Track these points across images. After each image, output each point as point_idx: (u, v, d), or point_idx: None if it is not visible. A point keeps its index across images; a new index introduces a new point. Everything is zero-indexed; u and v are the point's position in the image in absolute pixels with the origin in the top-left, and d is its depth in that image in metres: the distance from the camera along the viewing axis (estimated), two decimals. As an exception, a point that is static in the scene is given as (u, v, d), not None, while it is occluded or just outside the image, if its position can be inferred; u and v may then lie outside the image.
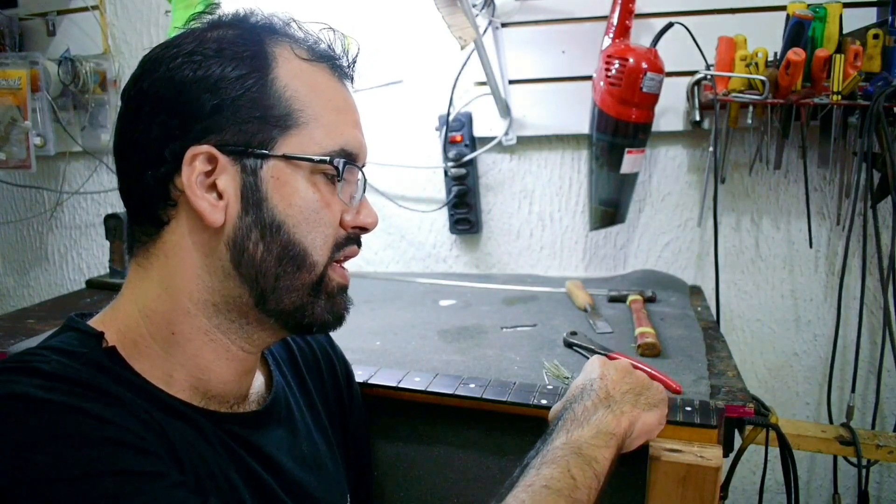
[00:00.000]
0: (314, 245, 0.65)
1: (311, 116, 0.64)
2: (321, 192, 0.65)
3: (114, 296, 0.68)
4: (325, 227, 0.65)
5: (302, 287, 0.65)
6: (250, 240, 0.63)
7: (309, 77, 0.66)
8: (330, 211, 0.66)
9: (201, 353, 0.64)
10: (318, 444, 0.77)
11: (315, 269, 0.65)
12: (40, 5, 1.71)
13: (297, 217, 0.64)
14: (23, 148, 1.60)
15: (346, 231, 0.68)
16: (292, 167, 0.63)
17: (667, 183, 1.51)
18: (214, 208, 0.62)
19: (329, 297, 0.67)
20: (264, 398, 0.72)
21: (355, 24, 1.53)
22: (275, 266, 0.63)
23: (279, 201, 0.63)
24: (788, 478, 0.95)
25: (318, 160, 0.64)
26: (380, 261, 1.67)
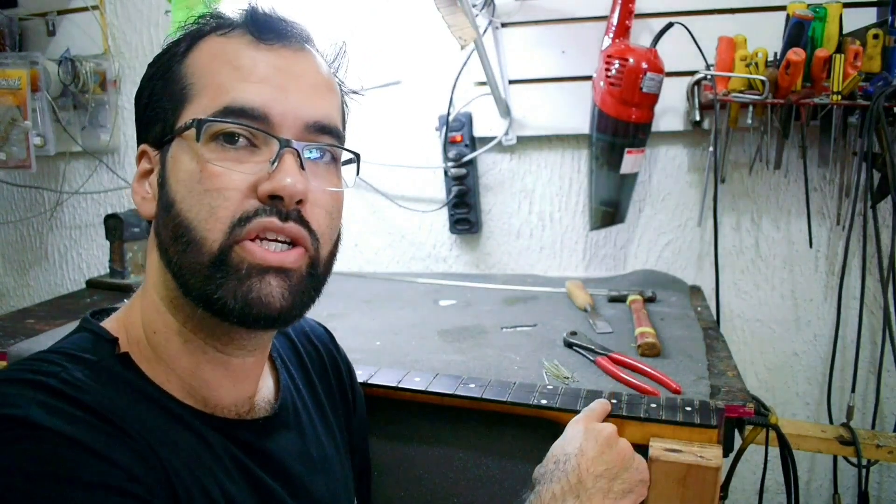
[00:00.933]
0: (199, 218, 0.58)
1: (202, 85, 0.61)
2: (211, 162, 0.58)
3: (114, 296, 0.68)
4: (210, 197, 0.58)
5: (199, 267, 0.58)
6: (161, 224, 0.62)
7: (214, 47, 0.62)
8: (219, 179, 0.58)
9: (181, 354, 0.63)
10: (325, 447, 0.76)
11: (205, 246, 0.58)
12: (40, 5, 1.71)
13: (182, 192, 0.60)
14: (23, 148, 1.60)
15: (260, 201, 0.59)
16: (182, 142, 0.61)
17: (667, 183, 1.51)
18: (145, 200, 0.64)
19: (237, 279, 0.58)
20: (273, 403, 0.71)
21: (355, 24, 1.54)
22: (171, 246, 0.60)
23: (172, 179, 0.61)
24: (788, 478, 0.95)
25: (183, 124, 0.60)
26: (380, 261, 1.67)
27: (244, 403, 0.68)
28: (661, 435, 0.81)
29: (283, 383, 0.74)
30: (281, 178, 0.58)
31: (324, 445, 0.76)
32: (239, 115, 0.59)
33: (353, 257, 1.67)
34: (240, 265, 0.58)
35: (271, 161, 0.59)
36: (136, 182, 0.65)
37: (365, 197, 1.64)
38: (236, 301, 0.58)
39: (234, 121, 0.59)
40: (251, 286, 0.58)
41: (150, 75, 0.65)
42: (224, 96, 0.59)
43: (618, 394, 0.87)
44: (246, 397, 0.68)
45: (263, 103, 0.59)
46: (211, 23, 0.65)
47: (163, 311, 0.63)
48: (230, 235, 0.58)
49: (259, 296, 0.58)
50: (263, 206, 0.59)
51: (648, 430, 0.82)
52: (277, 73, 0.61)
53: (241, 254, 0.58)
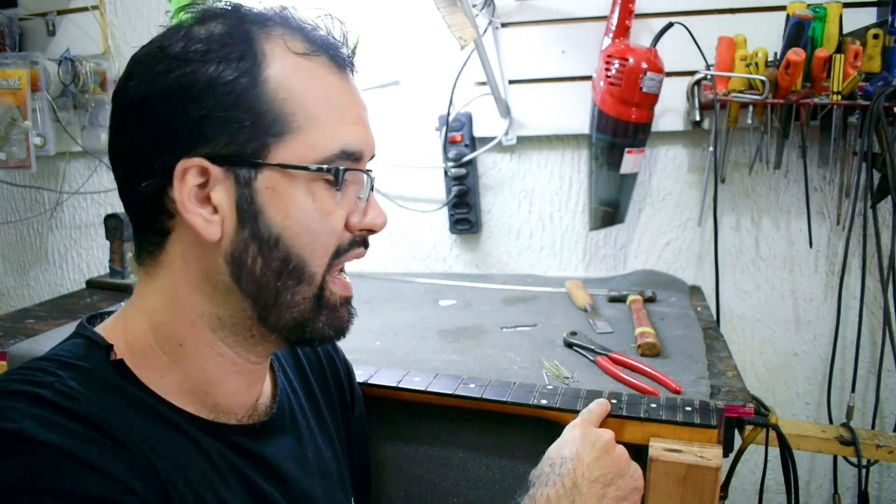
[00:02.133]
0: (313, 256, 0.62)
1: (306, 119, 0.60)
2: (321, 199, 0.61)
3: (114, 296, 0.68)
4: (325, 236, 0.62)
5: (303, 301, 0.62)
6: (248, 254, 0.60)
7: (304, 74, 0.61)
8: (331, 219, 0.62)
9: (207, 366, 0.63)
10: (322, 450, 0.76)
11: (314, 281, 0.62)
12: (40, 5, 1.71)
13: (295, 229, 0.60)
14: (23, 148, 1.60)
15: (351, 234, 0.64)
16: (288, 176, 0.59)
17: (667, 183, 1.51)
18: (209, 223, 0.59)
19: (331, 311, 0.64)
20: (270, 406, 0.71)
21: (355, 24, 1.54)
22: (274, 281, 0.61)
23: (275, 213, 0.60)
24: (788, 478, 0.95)
25: (315, 169, 0.60)
26: (380, 261, 1.67)
27: (249, 407, 0.68)
28: (661, 435, 0.81)
29: (280, 387, 0.74)
30: (376, 214, 0.66)
31: (321, 448, 0.76)
32: (349, 158, 0.62)
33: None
34: (332, 300, 0.65)
35: (361, 196, 0.65)
36: (189, 200, 0.58)
37: (365, 197, 1.63)
38: (330, 329, 0.65)
39: (350, 165, 0.62)
40: (342, 317, 0.66)
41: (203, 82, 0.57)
42: (337, 139, 0.61)
43: (618, 394, 0.87)
44: (253, 401, 0.69)
45: (363, 146, 0.64)
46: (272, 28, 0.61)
47: (200, 326, 0.62)
48: (329, 267, 0.63)
49: (346, 325, 0.67)
50: (355, 238, 0.65)
51: (648, 430, 0.82)
52: (360, 108, 0.65)
53: (332, 289, 0.64)
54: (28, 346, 1.10)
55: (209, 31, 0.59)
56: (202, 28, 0.60)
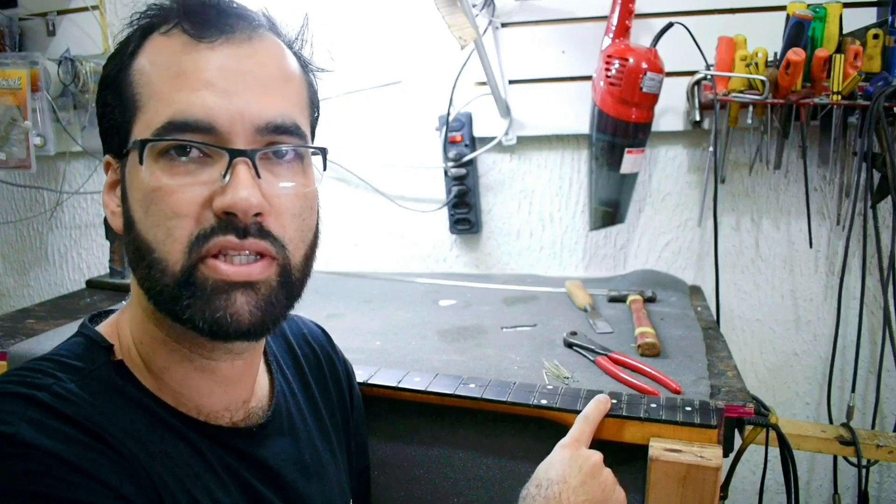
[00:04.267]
0: (157, 240, 0.56)
1: (148, 95, 0.57)
2: (161, 179, 0.55)
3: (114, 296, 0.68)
4: (166, 218, 0.55)
5: (165, 288, 0.57)
6: (127, 242, 0.60)
7: (156, 49, 0.58)
8: (172, 198, 0.55)
9: (169, 363, 0.62)
10: (320, 451, 0.76)
11: (167, 268, 0.56)
12: (40, 5, 1.71)
13: (140, 212, 0.57)
14: (23, 148, 1.59)
15: (217, 218, 0.56)
16: (136, 157, 0.57)
17: (667, 183, 1.51)
18: (114, 215, 0.62)
19: (204, 299, 0.56)
20: (267, 409, 0.71)
21: (355, 24, 1.54)
22: (136, 266, 0.59)
23: (130, 197, 0.58)
24: (788, 478, 0.95)
25: (131, 143, 0.57)
26: (380, 261, 1.67)
27: (238, 409, 0.67)
28: (661, 435, 0.81)
29: (277, 388, 0.73)
30: (234, 192, 0.55)
31: (318, 450, 0.75)
32: (183, 129, 0.55)
33: (353, 257, 1.67)
34: (204, 284, 0.56)
35: (222, 174, 0.55)
36: (106, 193, 0.62)
37: (365, 197, 1.63)
38: (204, 321, 0.56)
39: (178, 137, 0.55)
40: (217, 305, 0.56)
41: (103, 80, 0.62)
42: (166, 109, 0.55)
43: (618, 394, 0.87)
44: (240, 402, 0.68)
45: (207, 113, 0.55)
46: (156, 16, 0.60)
47: (145, 322, 0.62)
48: (190, 255, 0.56)
49: (226, 315, 0.56)
50: (220, 223, 0.56)
51: (648, 430, 0.82)
52: (220, 75, 0.56)
53: (205, 272, 0.56)
54: (28, 346, 1.10)
55: (125, 35, 0.62)
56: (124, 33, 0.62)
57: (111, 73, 0.61)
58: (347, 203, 1.64)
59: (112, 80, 0.60)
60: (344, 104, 1.57)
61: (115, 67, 0.60)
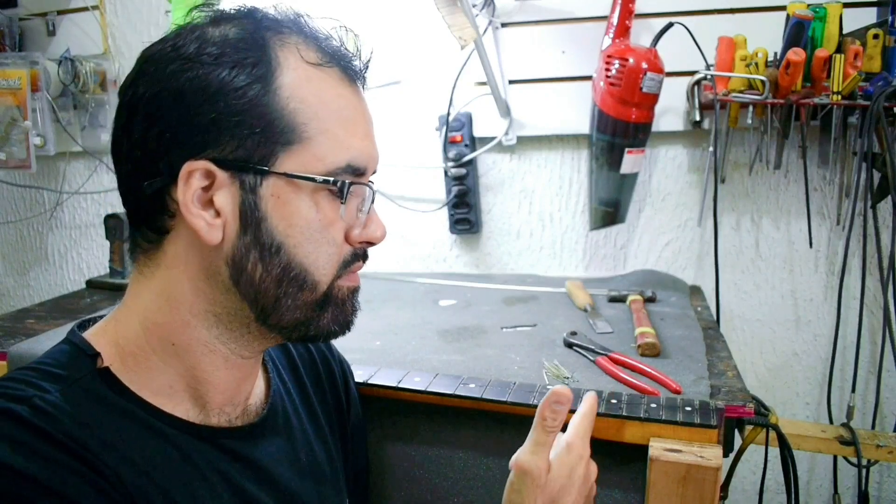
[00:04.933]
0: (316, 265, 0.62)
1: (316, 130, 0.60)
2: (324, 210, 0.61)
3: (114, 296, 0.67)
4: (327, 246, 0.62)
5: (305, 305, 0.63)
6: (249, 260, 0.60)
7: (316, 84, 0.61)
8: (333, 230, 0.63)
9: (200, 363, 0.63)
10: (315, 452, 0.76)
11: (318, 289, 0.63)
12: (40, 5, 1.71)
13: (298, 238, 0.61)
14: (23, 148, 1.60)
15: (352, 246, 0.65)
16: (293, 186, 0.60)
17: (667, 183, 1.51)
18: (211, 227, 0.59)
19: (337, 307, 0.66)
20: (262, 408, 0.71)
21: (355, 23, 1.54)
22: (274, 287, 0.61)
23: (279, 221, 0.60)
24: (788, 478, 0.95)
25: (321, 181, 0.60)
26: (380, 261, 1.67)
27: (239, 405, 0.68)
28: (661, 435, 0.81)
29: (273, 387, 0.73)
30: (376, 228, 0.66)
31: (314, 450, 0.76)
32: (354, 172, 0.63)
33: (353, 257, 1.66)
34: (340, 294, 0.66)
35: (362, 209, 0.65)
36: (192, 202, 0.58)
37: (365, 197, 1.63)
38: (335, 325, 0.66)
39: (354, 180, 0.63)
40: (346, 312, 0.67)
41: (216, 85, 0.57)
42: (345, 153, 0.62)
43: (618, 394, 0.87)
44: (242, 398, 0.68)
45: (369, 160, 0.65)
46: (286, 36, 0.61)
47: (194, 324, 0.62)
48: (336, 279, 0.65)
49: (349, 319, 0.68)
50: (357, 251, 0.66)
51: (648, 430, 0.82)
52: (368, 123, 0.66)
53: (339, 284, 0.65)
54: (28, 346, 1.10)
55: (223, 35, 0.59)
56: (216, 30, 0.60)
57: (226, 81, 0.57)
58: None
59: (234, 90, 0.57)
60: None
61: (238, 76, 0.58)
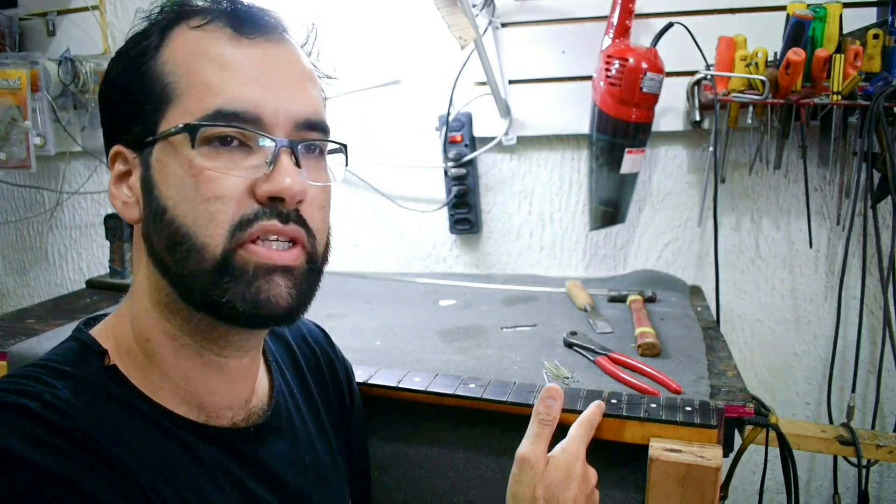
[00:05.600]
0: (196, 224, 0.57)
1: (186, 85, 0.58)
2: (201, 165, 0.57)
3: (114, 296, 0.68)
4: (208, 203, 0.57)
5: (201, 274, 0.58)
6: (151, 231, 0.60)
7: (193, 43, 0.59)
8: (215, 184, 0.57)
9: (177, 360, 0.62)
10: (319, 452, 0.76)
11: (206, 252, 0.57)
12: (40, 5, 1.71)
13: (175, 198, 0.58)
14: (23, 148, 1.59)
15: (259, 204, 0.58)
16: (169, 145, 0.58)
17: (667, 183, 1.51)
18: (126, 205, 0.62)
19: (244, 283, 0.58)
20: (266, 409, 0.71)
21: (355, 24, 1.54)
22: (168, 254, 0.59)
23: (162, 184, 0.59)
24: (788, 478, 0.95)
25: (174, 130, 0.57)
26: (380, 261, 1.67)
27: (240, 408, 0.67)
28: (661, 435, 0.81)
29: (276, 388, 0.73)
30: (280, 179, 0.58)
31: (317, 450, 0.75)
32: (231, 118, 0.57)
33: (353, 257, 1.67)
34: (245, 267, 0.58)
35: (268, 162, 0.58)
36: (114, 185, 0.62)
37: (365, 197, 1.63)
38: (245, 303, 0.58)
39: (227, 124, 0.57)
40: (259, 287, 0.58)
41: (119, 71, 0.62)
42: (214, 98, 0.57)
43: (618, 394, 0.87)
44: (243, 400, 0.68)
45: (255, 104, 0.58)
46: (180, 12, 0.62)
47: (155, 316, 0.62)
48: (232, 240, 0.57)
49: (268, 296, 0.58)
50: (263, 209, 0.58)
51: (648, 430, 0.82)
52: (264, 70, 0.59)
53: (245, 256, 0.58)
54: (28, 346, 1.10)
55: (140, 30, 0.63)
56: (139, 28, 0.63)
57: (130, 63, 0.61)
58: (347, 203, 1.64)
59: (133, 70, 0.60)
60: (344, 104, 1.57)
61: (135, 57, 0.61)
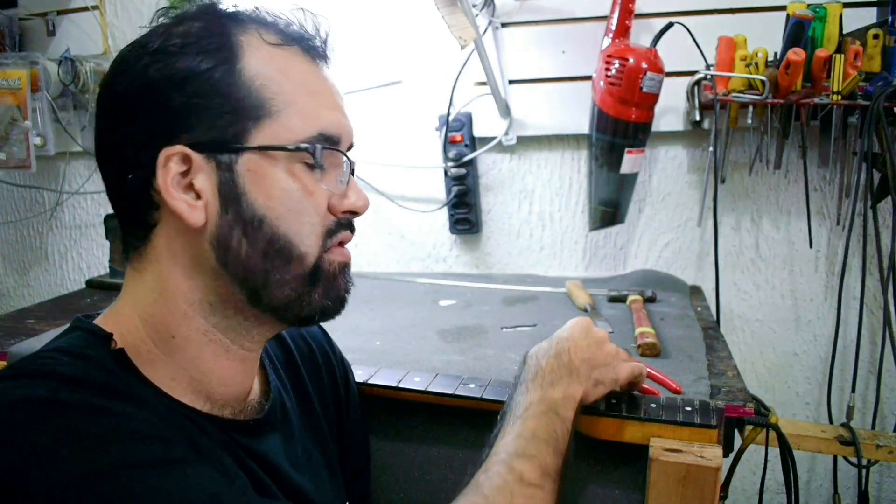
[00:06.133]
0: (300, 235, 0.63)
1: (284, 103, 0.62)
2: (302, 180, 0.63)
3: (114, 296, 0.68)
4: (309, 215, 0.63)
5: (294, 280, 0.64)
6: (233, 237, 0.61)
7: (280, 62, 0.63)
8: (313, 199, 0.64)
9: (202, 354, 0.64)
10: (311, 449, 0.76)
11: (306, 260, 0.64)
12: (40, 5, 1.71)
13: (279, 209, 0.62)
14: (23, 148, 1.60)
15: (335, 217, 0.66)
16: (268, 158, 0.61)
17: (667, 183, 1.51)
18: (193, 209, 0.61)
19: (328, 282, 0.66)
20: (262, 403, 0.71)
21: (355, 23, 1.54)
22: (261, 262, 0.62)
23: (258, 195, 0.61)
24: (788, 478, 0.95)
25: (293, 148, 0.62)
26: (380, 261, 1.67)
27: (241, 401, 0.68)
28: (661, 435, 0.81)
29: (272, 384, 0.74)
30: (357, 196, 0.67)
31: (309, 449, 0.76)
32: (328, 140, 0.64)
33: (353, 257, 1.65)
34: (331, 268, 0.66)
35: (342, 180, 0.66)
36: (172, 187, 0.60)
37: (365, 197, 1.63)
38: (328, 300, 0.66)
39: (331, 147, 0.65)
40: (339, 287, 0.67)
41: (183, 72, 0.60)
42: (315, 122, 0.63)
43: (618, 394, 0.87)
44: (244, 394, 0.69)
45: (341, 130, 0.66)
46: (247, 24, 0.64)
47: (191, 315, 0.63)
48: (322, 249, 0.65)
49: (342, 294, 0.68)
50: (341, 220, 0.66)
51: (648, 430, 0.82)
52: (336, 96, 0.67)
53: (329, 258, 0.66)
54: (28, 345, 1.10)
55: (187, 29, 0.63)
56: (180, 27, 0.63)
57: (195, 66, 0.60)
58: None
59: (204, 73, 0.60)
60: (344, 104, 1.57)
61: (201, 63, 0.60)
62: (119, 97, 0.62)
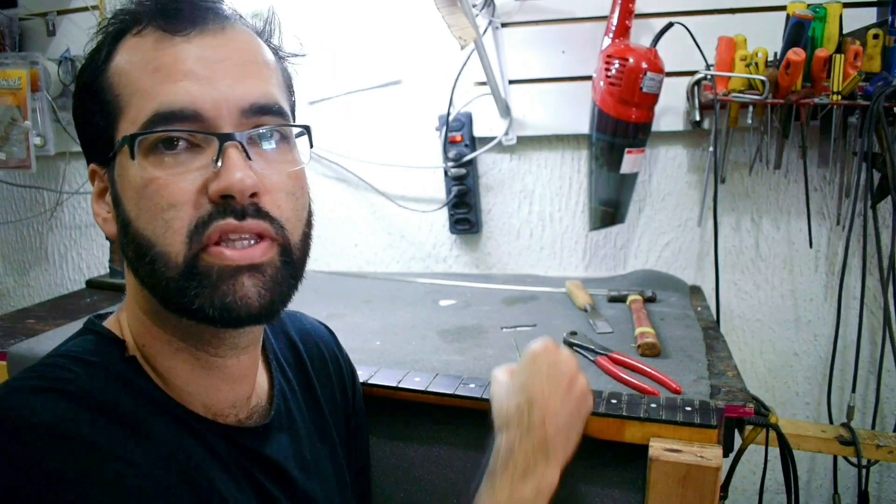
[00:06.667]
0: (155, 234, 0.56)
1: (129, 94, 0.57)
2: (155, 172, 0.56)
3: (114, 296, 0.68)
4: (162, 210, 0.55)
5: (169, 282, 0.57)
6: (123, 244, 0.60)
7: (131, 52, 0.58)
8: (168, 190, 0.55)
9: (175, 363, 0.62)
10: (319, 449, 0.76)
11: (169, 260, 0.56)
12: (40, 5, 1.71)
13: (135, 210, 0.57)
14: (23, 148, 1.60)
15: (213, 204, 0.56)
16: (123, 159, 0.58)
17: (667, 183, 1.51)
18: (106, 222, 0.62)
19: (212, 287, 0.56)
20: (267, 407, 0.71)
21: (355, 23, 1.54)
22: (138, 265, 0.59)
23: (125, 198, 0.58)
24: (788, 478, 0.96)
25: (128, 140, 0.56)
26: (380, 261, 1.67)
27: (243, 407, 0.68)
28: (661, 435, 0.81)
29: (277, 386, 0.73)
30: (228, 175, 0.55)
31: (317, 449, 0.76)
32: (170, 119, 0.55)
33: (353, 257, 1.67)
34: (209, 271, 0.56)
35: (214, 160, 0.56)
36: (95, 203, 0.63)
37: (365, 197, 1.64)
38: (214, 308, 0.56)
39: (166, 128, 0.56)
40: (226, 291, 0.56)
41: (78, 91, 0.62)
42: (150, 102, 0.56)
43: (618, 394, 0.87)
44: (244, 399, 0.68)
45: (192, 101, 0.56)
46: (124, 21, 0.60)
47: (148, 324, 0.62)
48: (191, 245, 0.56)
49: (235, 299, 0.56)
50: (217, 208, 0.56)
51: (648, 430, 0.82)
52: (199, 64, 0.57)
53: (208, 260, 0.56)
54: (28, 346, 1.10)
55: (91, 46, 0.62)
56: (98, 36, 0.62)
57: (86, 81, 0.61)
58: (347, 203, 1.64)
59: (88, 87, 0.60)
60: (344, 104, 1.57)
61: (89, 75, 0.60)
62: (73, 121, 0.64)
